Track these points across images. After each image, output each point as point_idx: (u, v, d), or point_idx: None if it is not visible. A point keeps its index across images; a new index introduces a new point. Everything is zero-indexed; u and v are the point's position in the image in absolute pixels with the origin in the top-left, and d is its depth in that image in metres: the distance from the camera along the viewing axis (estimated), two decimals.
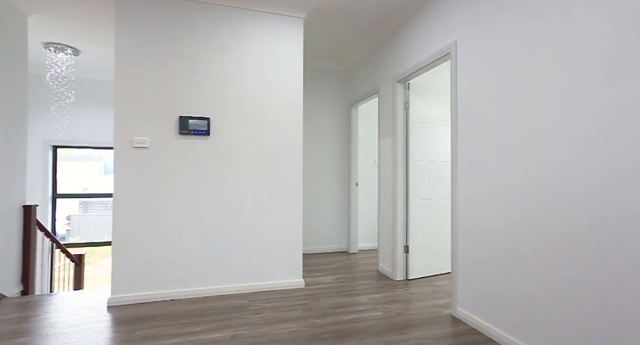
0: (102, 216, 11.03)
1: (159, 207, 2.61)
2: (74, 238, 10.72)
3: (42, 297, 2.71)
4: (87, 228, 11.01)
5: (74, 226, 10.84)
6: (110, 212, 8.76)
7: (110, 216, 8.72)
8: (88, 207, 11.41)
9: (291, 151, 2.93)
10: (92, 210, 11.53)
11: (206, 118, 2.70)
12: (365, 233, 4.52)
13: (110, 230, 5.71)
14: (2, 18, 2.64)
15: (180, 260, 2.65)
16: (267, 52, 2.88)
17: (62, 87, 4.28)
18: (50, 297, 2.70)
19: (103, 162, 10.46)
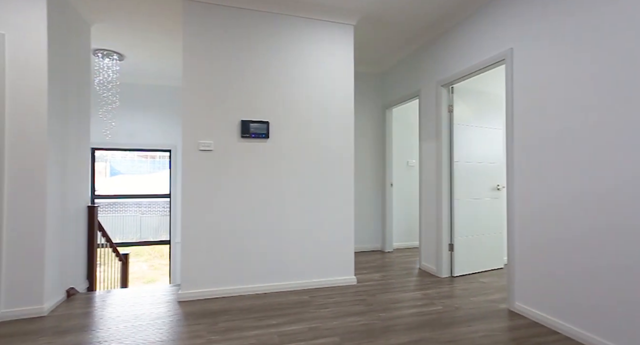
0: (124, 217, 11.19)
1: (222, 207, 2.74)
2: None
3: (113, 292, 2.85)
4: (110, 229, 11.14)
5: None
6: (128, 213, 8.90)
7: (131, 217, 8.80)
8: (104, 209, 11.55)
9: (343, 153, 3.06)
10: (110, 212, 11.69)
11: (265, 122, 2.83)
12: (399, 232, 4.64)
13: (133, 231, 5.87)
14: (72, 27, 2.78)
15: (242, 258, 2.78)
16: (320, 58, 3.00)
17: (108, 91, 4.43)
18: (122, 292, 2.84)
19: (109, 162, 10.59)
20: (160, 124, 5.40)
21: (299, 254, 2.92)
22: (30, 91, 2.32)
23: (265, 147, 2.85)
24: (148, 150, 5.63)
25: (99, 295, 2.80)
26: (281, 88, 2.89)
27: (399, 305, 2.54)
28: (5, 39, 2.25)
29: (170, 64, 4.46)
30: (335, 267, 3.02)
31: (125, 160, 9.51)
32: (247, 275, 2.78)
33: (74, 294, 2.77)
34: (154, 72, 4.77)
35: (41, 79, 2.34)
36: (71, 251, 2.79)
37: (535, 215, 2.28)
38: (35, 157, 2.33)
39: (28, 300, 2.31)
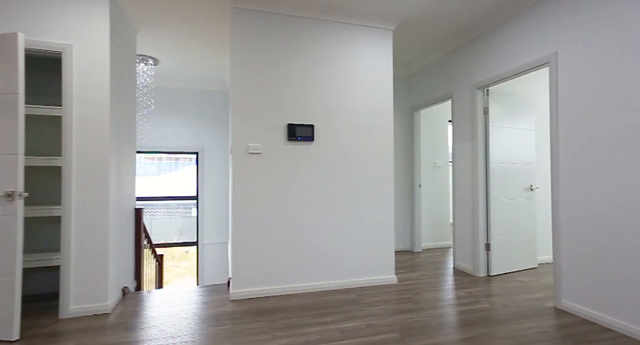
0: (151, 219, 11.32)
1: (270, 209, 2.82)
2: None
3: (162, 291, 2.94)
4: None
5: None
6: (155, 215, 8.99)
7: (158, 219, 8.84)
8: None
9: (383, 154, 3.13)
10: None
11: (310, 125, 2.92)
12: (427, 233, 4.69)
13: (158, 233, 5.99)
14: (124, 35, 2.89)
15: (290, 258, 2.86)
16: (361, 62, 3.08)
17: (144, 96, 4.54)
18: (172, 291, 2.93)
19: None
20: (188, 126, 5.51)
21: (342, 253, 2.99)
22: (94, 99, 2.42)
23: (310, 149, 2.93)
24: (176, 152, 5.76)
25: (151, 294, 2.89)
26: (325, 92, 2.98)
27: (446, 303, 2.60)
28: (73, 50, 2.36)
29: (201, 68, 4.57)
30: (376, 267, 3.09)
31: (140, 162, 9.57)
32: (294, 275, 2.86)
33: (128, 292, 2.87)
34: (184, 76, 4.89)
35: (104, 87, 2.44)
36: (124, 252, 2.89)
37: (582, 215, 2.33)
38: (99, 162, 2.43)
39: (94, 298, 2.41)
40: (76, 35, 2.38)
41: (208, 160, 5.65)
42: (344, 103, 3.03)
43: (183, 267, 9.05)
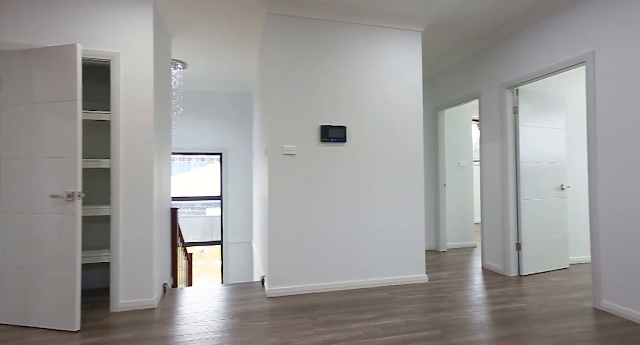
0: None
1: (304, 208, 2.89)
2: None
3: (200, 288, 3.05)
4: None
5: None
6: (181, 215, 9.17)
7: (184, 218, 8.91)
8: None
9: (413, 155, 3.17)
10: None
11: (343, 127, 2.98)
12: (451, 232, 4.69)
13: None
14: (163, 41, 3.01)
15: (324, 257, 2.92)
16: (391, 64, 3.13)
17: (174, 99, 4.69)
18: (209, 289, 3.03)
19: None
20: (213, 128, 5.65)
21: (375, 253, 3.04)
22: (140, 104, 2.54)
23: (342, 150, 2.99)
24: (201, 153, 5.91)
25: (188, 291, 3.00)
26: (356, 93, 3.03)
27: (481, 302, 2.62)
28: (120, 58, 2.48)
29: (226, 71, 4.69)
30: (408, 266, 3.12)
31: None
32: (328, 273, 2.93)
33: (168, 289, 2.99)
34: (210, 79, 5.02)
35: (148, 92, 2.56)
36: (163, 250, 3.01)
37: (622, 214, 2.32)
38: (144, 164, 2.54)
39: (141, 293, 2.53)
40: (123, 44, 2.50)
41: (232, 161, 5.78)
42: (374, 104, 3.08)
43: (199, 266, 9.21)
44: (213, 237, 7.29)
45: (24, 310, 2.22)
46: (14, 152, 2.27)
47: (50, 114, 2.19)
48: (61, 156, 2.16)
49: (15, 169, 2.26)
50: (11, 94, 2.27)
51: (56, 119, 2.18)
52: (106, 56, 2.44)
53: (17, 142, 2.26)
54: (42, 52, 2.22)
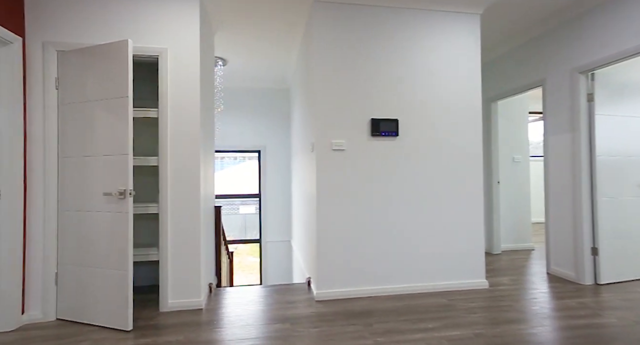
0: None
1: (354, 207, 2.72)
2: None
3: (245, 289, 2.97)
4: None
5: None
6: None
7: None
8: None
9: (471, 149, 2.89)
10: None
11: (394, 119, 2.77)
12: (505, 233, 4.33)
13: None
14: (207, 37, 2.95)
15: (375, 258, 2.74)
16: (446, 50, 2.87)
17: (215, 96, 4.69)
18: (254, 289, 2.95)
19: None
20: (251, 125, 5.63)
21: (430, 255, 2.81)
22: (186, 100, 2.48)
23: (394, 144, 2.78)
24: (239, 151, 5.91)
25: (233, 291, 2.93)
26: (409, 84, 2.81)
27: (557, 314, 2.32)
28: (168, 53, 2.43)
29: (264, 67, 4.61)
30: (466, 270, 2.86)
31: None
32: (380, 276, 2.74)
33: (212, 288, 2.94)
34: (248, 75, 4.97)
35: (195, 88, 2.49)
36: (209, 249, 2.96)
37: None
38: (191, 162, 2.49)
39: (189, 293, 2.48)
40: (170, 39, 2.45)
41: (270, 158, 5.72)
42: (429, 95, 2.84)
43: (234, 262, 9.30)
44: (247, 234, 7.29)
45: (80, 306, 2.24)
46: (70, 150, 2.29)
47: (101, 111, 2.18)
48: (112, 153, 2.14)
49: (71, 167, 2.28)
50: (67, 93, 2.29)
51: (107, 116, 2.16)
52: (154, 52, 2.41)
53: (72, 140, 2.28)
54: (94, 49, 2.21)
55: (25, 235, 2.26)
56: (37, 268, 2.28)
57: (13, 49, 2.16)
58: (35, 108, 2.28)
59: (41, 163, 2.28)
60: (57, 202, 2.31)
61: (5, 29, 2.11)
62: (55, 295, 2.30)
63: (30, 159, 2.28)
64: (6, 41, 2.13)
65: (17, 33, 2.20)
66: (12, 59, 2.16)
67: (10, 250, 2.16)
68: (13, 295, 2.17)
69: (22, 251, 2.24)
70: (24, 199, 2.24)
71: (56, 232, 2.30)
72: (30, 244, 2.28)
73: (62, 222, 2.29)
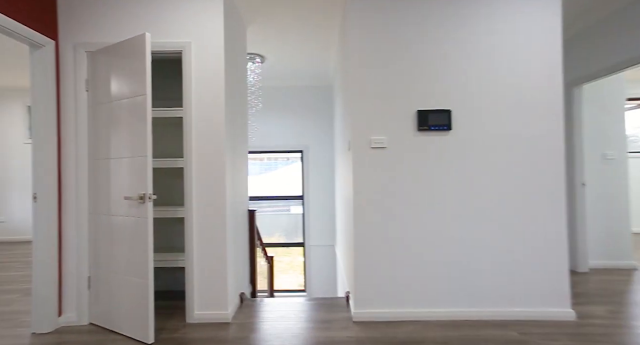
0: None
1: (398, 213, 2.32)
2: None
3: (279, 301, 2.73)
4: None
5: None
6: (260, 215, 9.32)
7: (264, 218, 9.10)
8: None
9: (548, 145, 2.31)
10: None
11: (446, 110, 2.31)
12: (593, 247, 3.52)
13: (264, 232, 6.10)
14: (236, 30, 2.77)
15: (423, 275, 2.31)
16: (515, 27, 2.31)
17: (252, 95, 4.58)
18: (289, 302, 2.70)
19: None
20: (293, 124, 5.44)
21: (493, 274, 2.30)
22: (210, 97, 2.31)
23: (446, 140, 2.32)
24: (281, 151, 5.76)
25: (266, 303, 2.71)
26: (465, 68, 2.32)
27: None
28: (192, 47, 2.28)
29: (304, 63, 4.37)
30: (543, 294, 2.28)
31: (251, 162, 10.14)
32: (429, 297, 2.30)
33: (245, 299, 2.75)
34: (288, 72, 4.78)
35: (219, 85, 2.31)
36: (240, 255, 2.78)
37: None
38: (216, 163, 2.31)
39: (215, 304, 2.30)
40: (193, 33, 2.30)
41: (313, 158, 5.48)
42: (491, 80, 2.32)
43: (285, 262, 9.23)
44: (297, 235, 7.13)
45: (109, 313, 2.18)
46: (98, 152, 2.25)
47: (123, 111, 2.09)
48: (133, 155, 2.04)
49: (99, 169, 2.24)
50: (95, 94, 2.25)
51: (128, 116, 2.06)
52: (177, 47, 2.28)
53: (100, 142, 2.24)
54: (115, 47, 2.13)
55: (61, 237, 2.28)
56: (72, 271, 2.28)
57: (46, 52, 2.17)
58: (68, 110, 2.29)
59: (73, 166, 2.28)
60: (88, 205, 2.28)
61: (37, 33, 2.12)
62: (88, 300, 2.28)
63: (64, 161, 2.28)
64: (39, 44, 2.14)
65: (50, 36, 2.22)
66: (45, 61, 2.17)
67: (47, 252, 2.18)
68: (50, 298, 2.19)
69: (58, 254, 2.25)
70: (58, 202, 2.25)
71: (88, 236, 2.28)
72: (65, 246, 2.29)
73: (93, 226, 2.26)
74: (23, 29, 2.01)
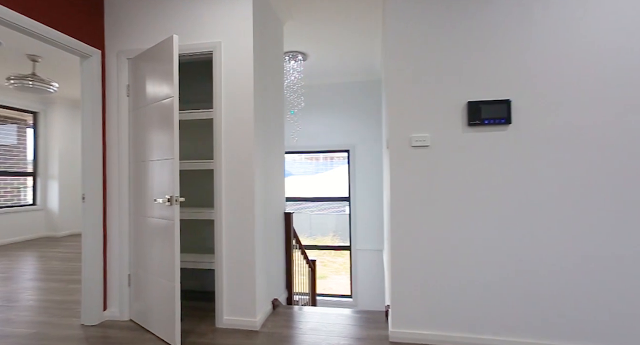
0: (302, 221, 12.34)
1: (444, 222, 2.00)
2: None
3: (313, 311, 2.59)
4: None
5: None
6: (304, 215, 9.36)
7: (306, 220, 9.12)
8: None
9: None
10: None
11: (505, 101, 1.93)
12: None
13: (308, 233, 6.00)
14: (270, 27, 2.68)
15: (474, 295, 1.96)
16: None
17: (294, 93, 4.51)
18: (326, 313, 2.54)
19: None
20: (338, 123, 5.27)
21: (567, 298, 1.86)
22: (239, 97, 2.24)
23: (505, 136, 1.95)
24: (326, 151, 5.62)
25: (300, 312, 2.57)
26: (528, 49, 1.92)
27: None
28: (222, 46, 2.24)
29: (349, 58, 4.16)
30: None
31: (294, 162, 10.17)
32: (481, 322, 1.95)
33: (278, 305, 2.65)
34: (332, 68, 4.61)
35: (248, 85, 2.23)
36: (273, 260, 2.69)
37: None
38: (244, 164, 2.23)
39: (243, 311, 2.23)
40: (224, 32, 2.25)
41: (360, 158, 5.25)
42: (563, 63, 1.88)
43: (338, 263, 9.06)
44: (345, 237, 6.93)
45: (145, 312, 2.23)
46: (135, 155, 2.32)
47: (155, 114, 2.12)
48: (161, 158, 2.05)
49: (136, 171, 2.31)
50: (134, 98, 2.33)
51: (159, 119, 2.08)
52: (208, 47, 2.25)
53: (137, 145, 2.30)
54: (148, 52, 2.17)
55: (105, 236, 2.40)
56: (115, 268, 2.39)
57: (93, 61, 2.30)
58: (112, 115, 2.40)
59: (116, 168, 2.39)
60: (129, 206, 2.37)
61: (86, 45, 2.26)
62: (128, 297, 2.37)
63: (109, 164, 2.40)
64: (87, 55, 2.27)
65: (96, 46, 2.35)
66: (92, 70, 2.30)
67: (94, 250, 2.30)
68: (96, 292, 2.31)
69: (103, 251, 2.37)
70: (103, 203, 2.38)
71: (128, 235, 2.37)
72: (109, 244, 2.40)
73: (134, 226, 2.34)
74: (74, 43, 2.16)
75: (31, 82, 3.82)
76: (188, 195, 2.94)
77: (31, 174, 5.94)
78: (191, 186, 2.92)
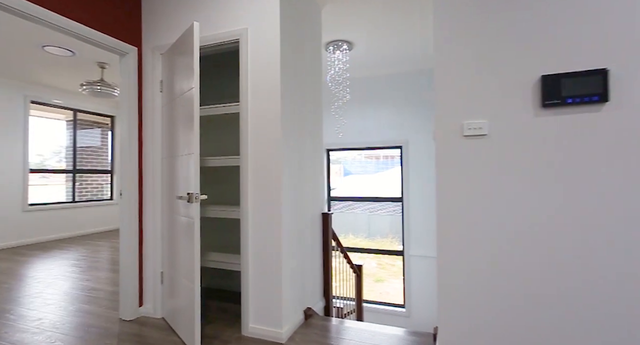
0: (355, 220, 12.02)
1: (504, 227, 1.56)
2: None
3: (351, 325, 2.30)
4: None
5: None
6: (358, 215, 9.00)
7: (362, 219, 8.74)
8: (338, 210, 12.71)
9: None
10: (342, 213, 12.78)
11: (599, 71, 1.42)
12: None
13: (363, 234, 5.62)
14: (304, 13, 2.46)
15: (538, 311, 1.49)
16: None
17: (338, 86, 4.25)
18: (366, 330, 2.24)
19: (342, 164, 11.29)
20: (391, 117, 4.86)
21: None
22: (265, 89, 2.06)
23: (599, 120, 1.44)
24: (377, 148, 5.23)
25: (336, 326, 2.30)
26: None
27: None
28: (248, 33, 2.09)
29: (399, 45, 3.75)
30: None
31: (354, 161, 9.83)
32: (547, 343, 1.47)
33: (312, 315, 2.41)
34: (383, 59, 4.23)
35: (274, 76, 2.04)
36: (307, 265, 2.46)
37: None
38: (271, 160, 2.04)
39: (268, 320, 2.05)
40: (250, 18, 2.09)
41: (412, 154, 4.78)
42: None
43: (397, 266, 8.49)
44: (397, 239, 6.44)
45: (173, 312, 2.18)
46: (165, 151, 2.29)
47: (179, 108, 2.04)
48: (183, 153, 1.95)
49: (166, 168, 2.27)
50: (165, 94, 2.30)
51: (182, 113, 1.99)
52: (234, 35, 2.11)
53: (166, 141, 2.27)
54: (174, 45, 2.11)
55: (141, 232, 2.42)
56: (150, 265, 2.40)
57: (130, 59, 2.33)
58: (147, 112, 2.41)
59: (151, 165, 2.39)
60: (161, 202, 2.35)
61: (124, 43, 2.29)
62: (161, 295, 2.35)
63: (145, 161, 2.42)
64: (124, 52, 2.31)
65: (133, 43, 2.37)
66: (129, 67, 2.33)
67: (131, 246, 2.33)
68: (133, 288, 2.34)
69: (139, 248, 2.39)
70: (139, 199, 2.40)
71: (161, 232, 2.35)
72: (145, 241, 2.42)
73: (166, 223, 2.32)
74: (112, 41, 2.19)
75: (99, 87, 4.18)
76: (217, 193, 2.87)
77: (109, 172, 6.63)
78: (220, 183, 2.85)
